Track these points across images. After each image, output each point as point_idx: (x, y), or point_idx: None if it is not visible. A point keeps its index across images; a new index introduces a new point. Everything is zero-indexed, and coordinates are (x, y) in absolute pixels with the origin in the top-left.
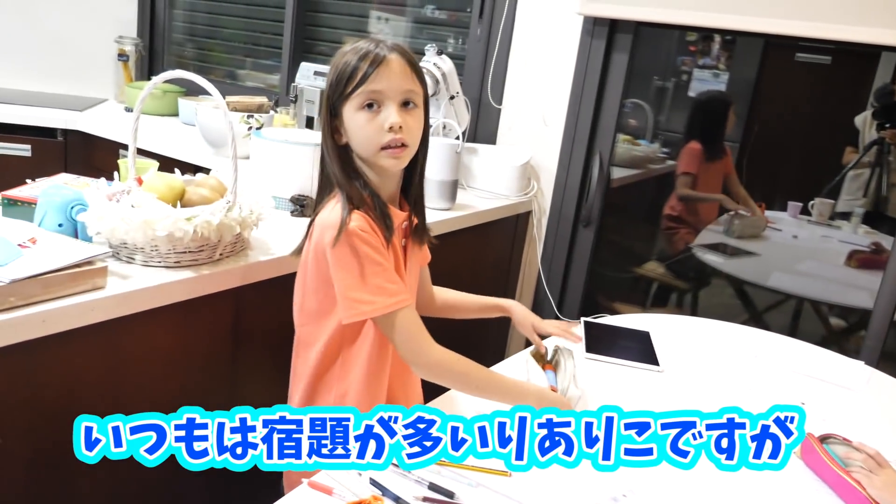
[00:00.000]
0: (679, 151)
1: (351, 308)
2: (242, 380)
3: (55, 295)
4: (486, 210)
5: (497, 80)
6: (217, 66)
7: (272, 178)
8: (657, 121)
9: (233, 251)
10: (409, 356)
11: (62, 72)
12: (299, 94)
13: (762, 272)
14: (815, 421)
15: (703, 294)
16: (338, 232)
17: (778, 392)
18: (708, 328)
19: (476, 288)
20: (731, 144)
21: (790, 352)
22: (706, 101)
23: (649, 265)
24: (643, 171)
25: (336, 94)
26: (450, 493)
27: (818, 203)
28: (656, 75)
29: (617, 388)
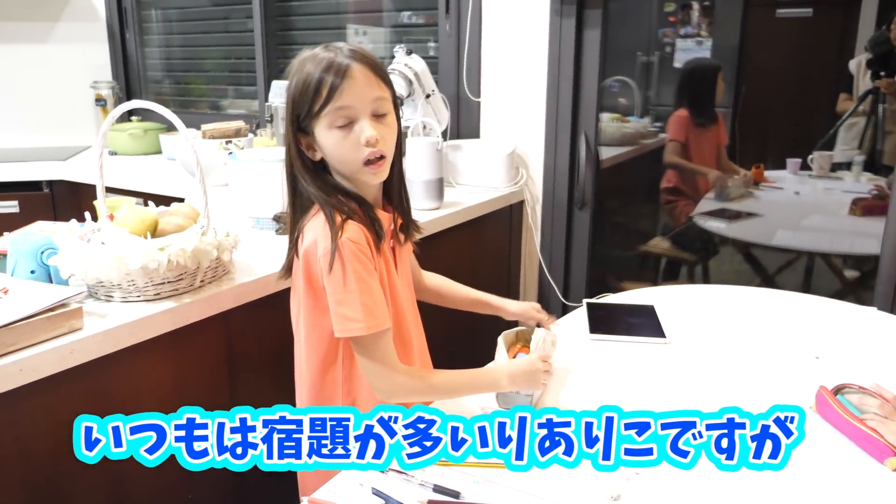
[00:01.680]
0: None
1: (340, 324)
2: (243, 403)
3: (32, 342)
4: (476, 205)
5: (472, 73)
6: (200, 98)
7: (252, 200)
8: (646, 96)
9: (214, 276)
10: (376, 379)
11: (43, 124)
12: (274, 112)
13: (767, 232)
14: (828, 373)
15: (712, 263)
16: (331, 244)
17: (790, 348)
18: (713, 294)
19: (479, 283)
20: (723, 110)
21: (800, 307)
22: (691, 70)
23: (654, 241)
24: (636, 147)
25: (304, 112)
26: (455, 493)
27: (817, 156)
28: (640, 51)
29: (624, 365)
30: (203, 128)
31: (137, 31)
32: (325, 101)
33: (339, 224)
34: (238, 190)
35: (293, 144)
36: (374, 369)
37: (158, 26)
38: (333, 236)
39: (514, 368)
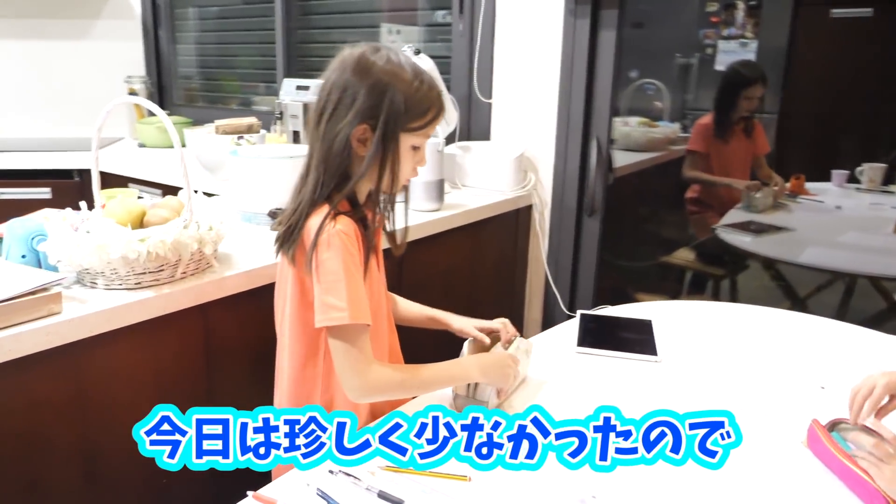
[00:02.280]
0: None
1: (324, 312)
2: (220, 396)
3: (8, 323)
4: (478, 207)
5: (484, 74)
6: (231, 94)
7: (249, 196)
8: (684, 100)
9: (197, 269)
10: (352, 375)
11: (77, 116)
12: (284, 110)
13: (796, 249)
14: (829, 405)
15: (741, 279)
16: (324, 235)
17: (794, 376)
18: (723, 312)
19: (478, 287)
20: (767, 116)
21: (816, 331)
22: (727, 73)
23: (680, 252)
24: (663, 153)
25: (398, 119)
26: (399, 501)
27: (867, 168)
28: (678, 53)
29: (604, 381)
30: (215, 123)
31: (170, 29)
32: (425, 125)
33: (333, 216)
34: (237, 185)
35: (356, 132)
36: (350, 364)
37: (190, 24)
38: (323, 225)
39: (484, 360)
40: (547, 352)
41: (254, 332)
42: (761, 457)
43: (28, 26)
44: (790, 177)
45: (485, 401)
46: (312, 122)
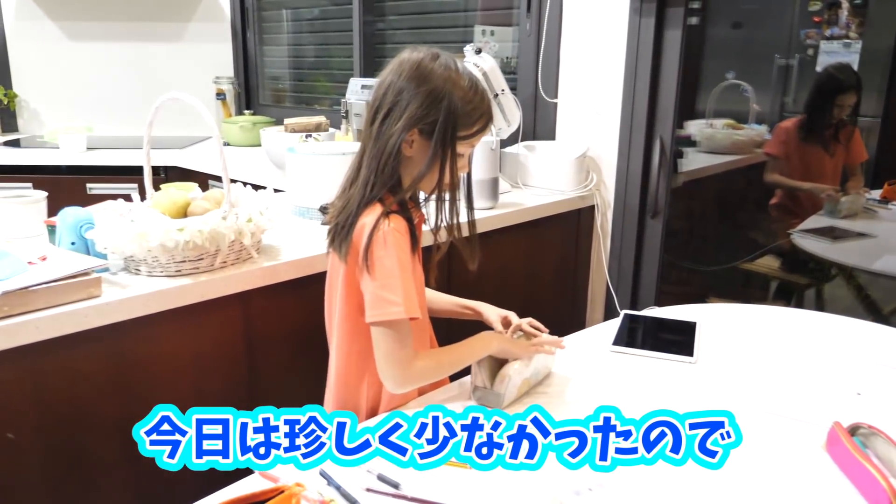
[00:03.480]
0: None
1: (380, 307)
2: (262, 383)
3: (47, 304)
4: (534, 206)
5: (549, 73)
6: (323, 95)
7: (304, 191)
8: (783, 102)
9: (238, 258)
10: (399, 367)
11: (171, 115)
12: (349, 108)
13: (873, 256)
14: (860, 411)
15: (827, 288)
16: (379, 233)
17: (832, 381)
18: (777, 316)
19: (534, 287)
20: (870, 120)
21: (864, 337)
22: (820, 77)
23: (763, 260)
24: (748, 156)
25: (450, 127)
26: (395, 484)
27: None
28: (778, 53)
29: (634, 380)
30: (286, 122)
31: (257, 31)
32: (473, 134)
33: (386, 213)
34: (292, 181)
35: (399, 138)
36: (397, 357)
37: (278, 26)
38: (378, 225)
39: (498, 337)
40: (581, 350)
41: (295, 321)
42: (778, 460)
43: (127, 29)
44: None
45: (502, 393)
46: (367, 120)
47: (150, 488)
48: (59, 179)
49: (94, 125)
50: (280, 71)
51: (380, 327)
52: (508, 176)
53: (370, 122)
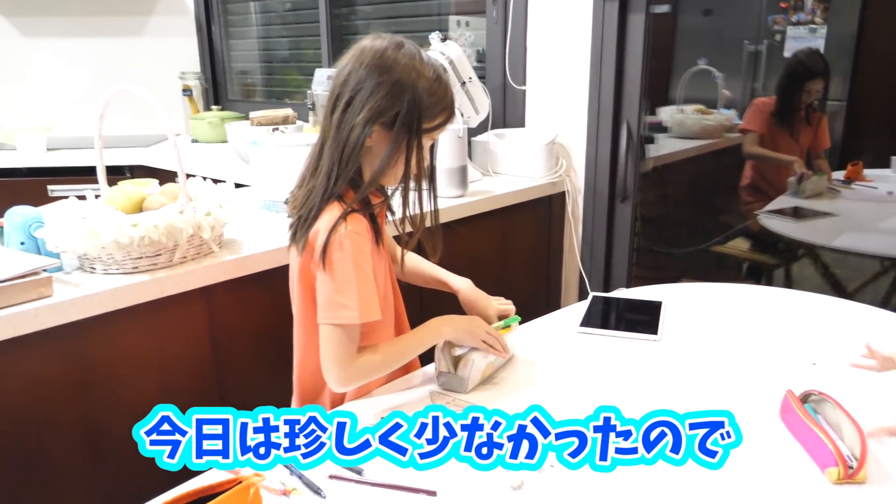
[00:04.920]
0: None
1: (333, 310)
2: (230, 379)
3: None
4: (504, 194)
5: (517, 61)
6: (296, 89)
7: (269, 184)
8: (753, 88)
9: (198, 253)
10: (343, 368)
11: (132, 113)
12: (315, 100)
13: (833, 233)
14: (815, 379)
15: (795, 268)
16: (336, 235)
17: (788, 353)
18: (737, 293)
19: (509, 274)
20: (836, 104)
21: (823, 310)
22: (790, 63)
23: (735, 242)
24: (718, 140)
25: (414, 120)
26: (358, 470)
27: None
28: (747, 39)
29: (601, 360)
30: (251, 115)
31: (223, 24)
32: (435, 128)
33: (344, 215)
34: (257, 174)
35: (364, 132)
36: (341, 358)
37: (245, 19)
38: (336, 227)
39: (454, 318)
40: (549, 332)
41: (262, 315)
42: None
43: (85, 24)
44: (859, 164)
45: (466, 377)
46: (327, 109)
47: (115, 490)
48: (17, 182)
49: (55, 125)
50: (249, 65)
51: (329, 327)
52: (479, 164)
53: (330, 111)
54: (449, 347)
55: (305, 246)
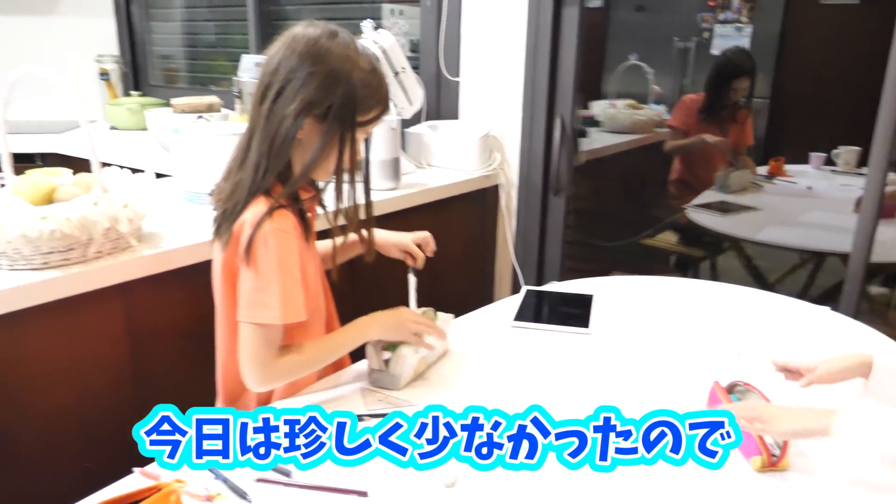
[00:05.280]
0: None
1: (254, 308)
2: (150, 380)
3: None
4: (439, 187)
5: (451, 52)
6: (222, 76)
7: (193, 174)
8: (682, 83)
9: (115, 248)
10: (262, 368)
11: (44, 96)
12: (242, 88)
13: (757, 227)
14: (739, 370)
15: (720, 260)
16: (261, 232)
17: (714, 344)
18: (665, 285)
19: (445, 267)
20: (760, 101)
21: (746, 302)
22: (718, 61)
23: (664, 235)
24: (648, 135)
25: (348, 112)
26: (287, 472)
27: (843, 151)
28: (677, 36)
29: (535, 354)
30: (173, 102)
31: (143, 5)
32: (369, 121)
33: (270, 210)
34: (180, 164)
35: (295, 124)
36: (260, 358)
37: (171, 0)
38: (261, 223)
39: (381, 315)
40: (483, 326)
41: (184, 311)
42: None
43: None
44: (782, 160)
45: (398, 374)
46: (256, 99)
47: (24, 498)
48: None
49: None
50: (172, 49)
51: (249, 326)
52: (412, 156)
53: (259, 101)
54: (380, 344)
55: (230, 240)
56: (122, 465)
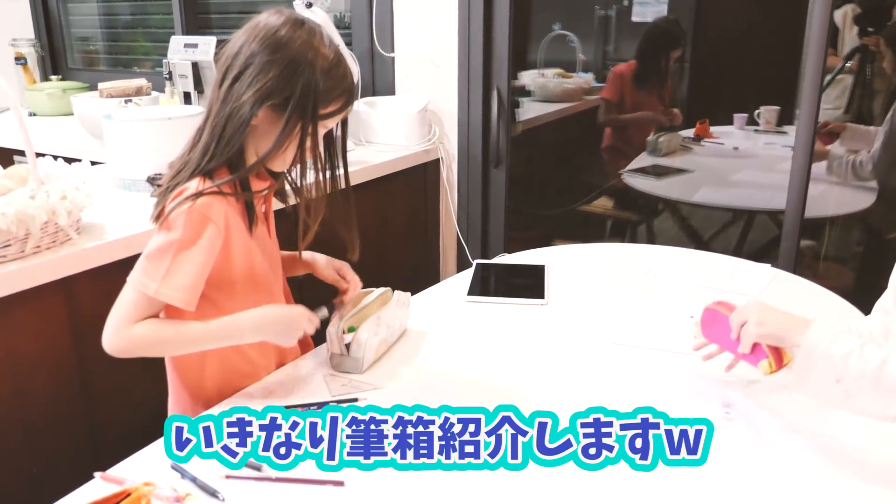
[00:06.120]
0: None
1: (140, 275)
2: (96, 376)
3: None
4: (380, 163)
5: (384, 27)
6: (144, 56)
7: (128, 161)
8: (605, 51)
9: (54, 241)
10: (111, 331)
11: None
12: (173, 69)
13: (693, 189)
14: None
15: (656, 222)
16: (181, 208)
17: (667, 307)
18: (612, 252)
19: (389, 244)
20: (682, 65)
21: (691, 265)
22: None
23: (600, 200)
24: (579, 103)
25: (309, 103)
26: (258, 466)
27: (763, 111)
28: (598, 5)
29: (492, 327)
30: (100, 86)
31: None
32: (331, 114)
33: (198, 194)
34: (113, 151)
35: (251, 112)
36: (117, 319)
37: None
38: (181, 203)
39: (263, 317)
40: (437, 303)
41: None
42: (631, 384)
43: None
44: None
45: (360, 357)
46: (216, 80)
47: None
48: None
49: None
50: (91, 31)
51: (129, 288)
52: (351, 134)
53: (219, 83)
54: (341, 328)
55: (160, 220)
56: (71, 469)
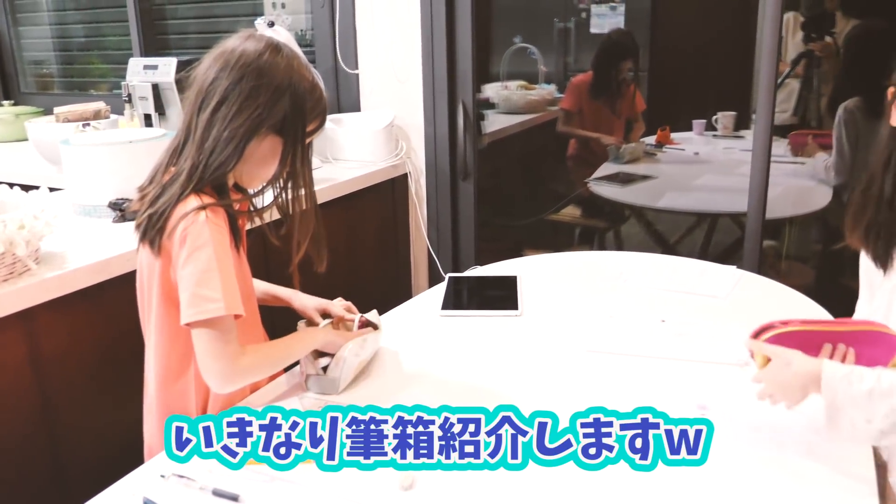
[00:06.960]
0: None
1: (197, 305)
2: (59, 409)
3: None
4: (349, 180)
5: (348, 44)
6: (100, 79)
7: (87, 187)
8: (566, 62)
9: (12, 273)
10: (224, 366)
11: None
12: (132, 91)
13: (657, 195)
14: (672, 336)
15: (624, 229)
16: (195, 226)
17: (638, 311)
18: (582, 260)
19: (359, 261)
20: (641, 74)
21: (660, 269)
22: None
23: (567, 209)
24: (542, 114)
25: (304, 123)
26: (234, 496)
27: (721, 116)
28: (556, 17)
29: (468, 341)
30: (56, 111)
31: (8, 9)
32: (316, 129)
33: (202, 206)
34: (72, 177)
35: (244, 142)
36: (223, 354)
37: (34, 3)
38: (194, 218)
39: (320, 329)
40: (411, 318)
41: (94, 333)
42: (607, 384)
43: None
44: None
45: (337, 378)
46: (194, 105)
47: None
48: None
49: None
50: (44, 54)
51: (199, 328)
52: (317, 151)
53: (197, 109)
54: (314, 352)
55: (163, 244)
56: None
